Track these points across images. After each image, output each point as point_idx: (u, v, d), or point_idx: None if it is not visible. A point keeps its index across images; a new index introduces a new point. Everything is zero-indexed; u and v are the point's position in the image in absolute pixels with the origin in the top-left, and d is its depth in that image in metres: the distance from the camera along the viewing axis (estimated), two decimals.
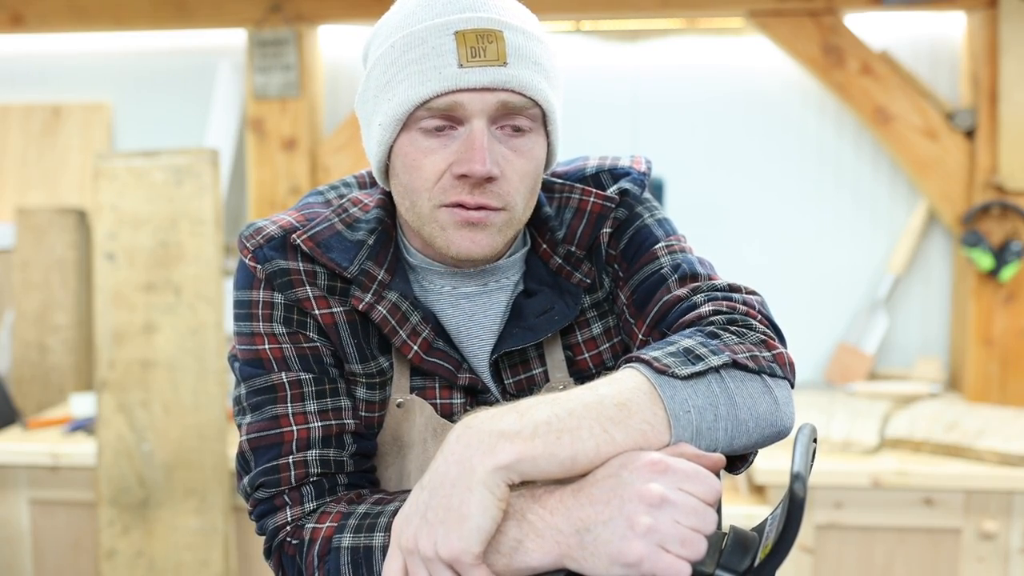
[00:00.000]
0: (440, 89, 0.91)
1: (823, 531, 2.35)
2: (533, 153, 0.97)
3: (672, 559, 0.72)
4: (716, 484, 0.77)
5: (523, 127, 0.95)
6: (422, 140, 0.95)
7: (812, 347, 3.05)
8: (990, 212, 2.75)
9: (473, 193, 0.94)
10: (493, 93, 0.92)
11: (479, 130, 0.92)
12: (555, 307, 1.03)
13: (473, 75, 0.91)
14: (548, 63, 0.96)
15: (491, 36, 0.92)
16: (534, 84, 0.93)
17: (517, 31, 0.94)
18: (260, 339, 1.01)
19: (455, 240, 0.96)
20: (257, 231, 1.03)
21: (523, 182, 0.96)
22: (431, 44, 0.92)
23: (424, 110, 0.93)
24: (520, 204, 0.97)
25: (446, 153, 0.94)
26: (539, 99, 0.94)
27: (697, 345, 0.87)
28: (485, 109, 0.92)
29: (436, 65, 0.91)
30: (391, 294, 1.02)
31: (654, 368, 0.83)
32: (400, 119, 0.95)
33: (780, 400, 0.90)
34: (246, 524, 2.53)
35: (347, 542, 0.90)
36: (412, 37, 0.93)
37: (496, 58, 0.91)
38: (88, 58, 3.26)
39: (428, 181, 0.95)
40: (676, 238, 1.06)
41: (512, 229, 0.99)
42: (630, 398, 0.80)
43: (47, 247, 3.05)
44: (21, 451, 2.57)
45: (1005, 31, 2.69)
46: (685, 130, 3.07)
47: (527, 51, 0.94)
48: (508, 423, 0.77)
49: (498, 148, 0.94)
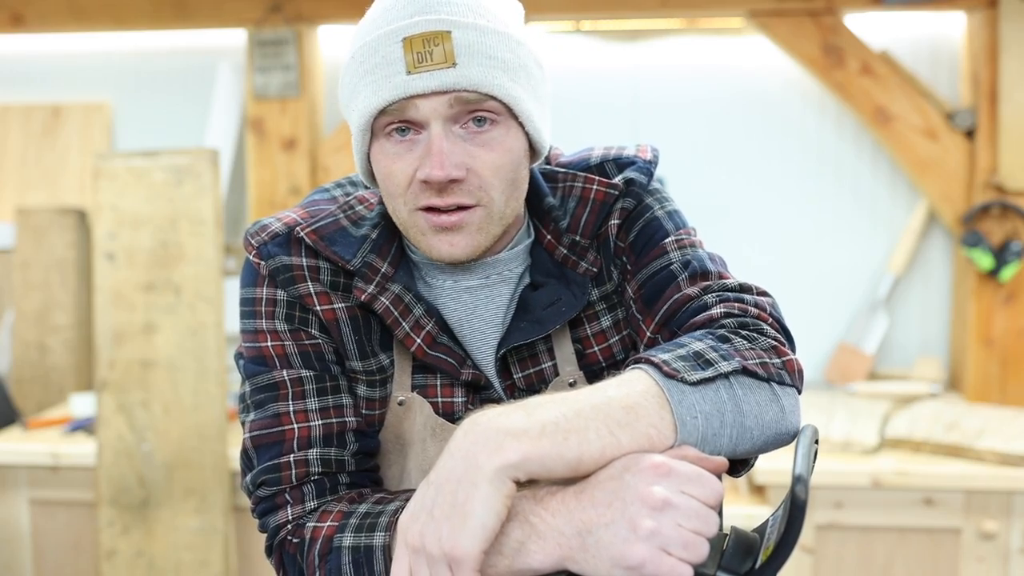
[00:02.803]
0: (391, 98, 0.92)
1: (823, 531, 2.35)
2: (504, 145, 0.96)
3: (674, 562, 0.72)
4: (718, 487, 0.77)
5: (488, 120, 0.95)
6: (389, 146, 0.96)
7: (812, 347, 3.05)
8: (990, 212, 2.75)
9: (442, 195, 0.94)
10: (444, 95, 0.92)
11: (436, 134, 0.93)
12: (562, 298, 1.03)
13: (420, 81, 0.91)
14: (508, 55, 0.95)
15: (438, 38, 0.92)
16: (487, 79, 0.93)
17: (468, 28, 0.93)
18: (263, 336, 1.02)
19: (434, 244, 0.97)
20: (262, 228, 1.04)
21: (497, 175, 0.96)
22: (382, 53, 0.93)
23: (384, 117, 0.95)
24: (498, 198, 0.97)
25: (411, 158, 0.95)
26: (494, 93, 0.93)
27: (707, 349, 0.86)
28: (439, 110, 0.93)
29: (387, 74, 0.93)
30: (394, 286, 1.02)
31: (663, 372, 0.83)
32: (365, 128, 0.97)
33: (787, 408, 0.90)
34: (246, 524, 2.53)
35: (348, 541, 0.90)
36: (367, 47, 0.95)
37: (444, 60, 0.91)
38: (88, 58, 3.26)
39: (400, 187, 0.96)
40: (686, 231, 1.05)
41: (495, 224, 0.98)
42: (638, 402, 0.80)
43: (47, 247, 3.05)
44: (21, 451, 2.57)
45: (1005, 31, 2.69)
46: (685, 130, 3.07)
47: (479, 47, 0.93)
48: (516, 421, 0.77)
49: (462, 147, 0.94)
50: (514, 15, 1.00)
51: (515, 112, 0.96)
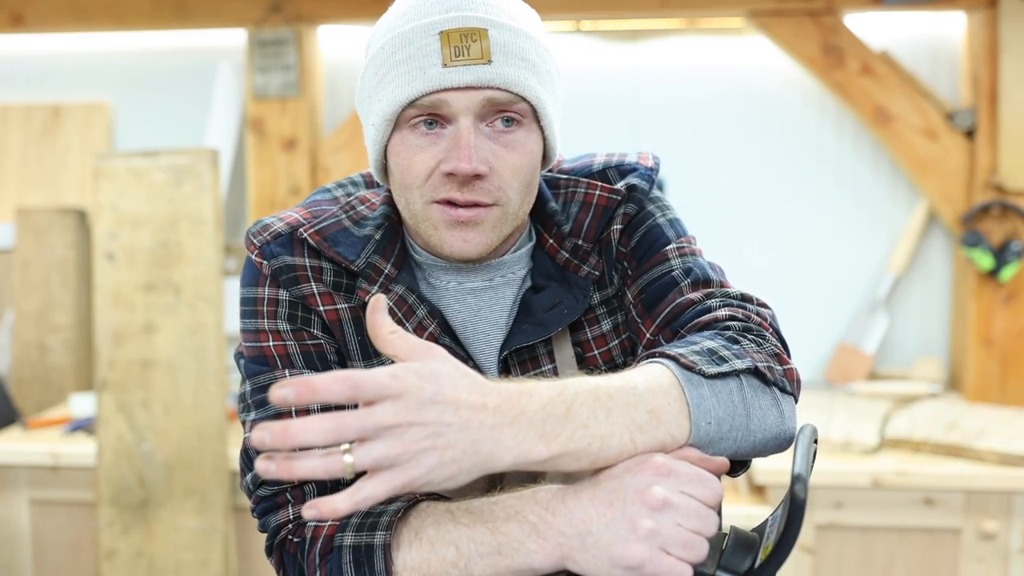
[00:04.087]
0: (425, 89, 0.93)
1: (823, 531, 2.35)
2: (526, 148, 0.97)
3: (674, 562, 0.72)
4: (718, 487, 0.77)
5: (515, 121, 0.96)
6: (412, 138, 0.96)
7: (812, 347, 3.05)
8: (990, 212, 2.75)
9: (462, 190, 0.95)
10: (478, 91, 0.93)
11: (465, 128, 0.93)
12: (564, 301, 1.03)
13: (456, 74, 0.92)
14: (537, 59, 0.97)
15: (476, 35, 0.92)
16: (520, 80, 0.94)
17: (504, 28, 0.94)
18: (265, 336, 1.02)
19: (447, 239, 0.97)
20: (264, 228, 1.04)
21: (516, 176, 0.96)
22: (417, 44, 0.93)
23: (412, 109, 0.94)
24: (514, 198, 0.97)
25: (435, 151, 0.95)
26: (526, 95, 0.94)
27: (720, 347, 0.87)
28: (471, 107, 0.93)
29: (422, 65, 0.93)
30: (397, 287, 1.02)
31: (681, 364, 0.84)
32: (390, 119, 0.96)
33: (786, 414, 0.92)
34: (246, 524, 2.53)
35: (349, 540, 0.90)
36: (400, 38, 0.95)
37: (480, 56, 0.92)
38: (88, 58, 3.26)
39: (419, 178, 0.96)
40: (687, 240, 1.06)
41: (508, 224, 0.99)
42: (662, 406, 0.81)
43: (47, 247, 3.05)
44: (21, 451, 2.57)
45: (1005, 31, 2.69)
46: (685, 130, 3.07)
47: (513, 48, 0.94)
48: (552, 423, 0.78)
49: (487, 145, 0.95)
50: (537, 21, 1.01)
51: (540, 115, 0.97)
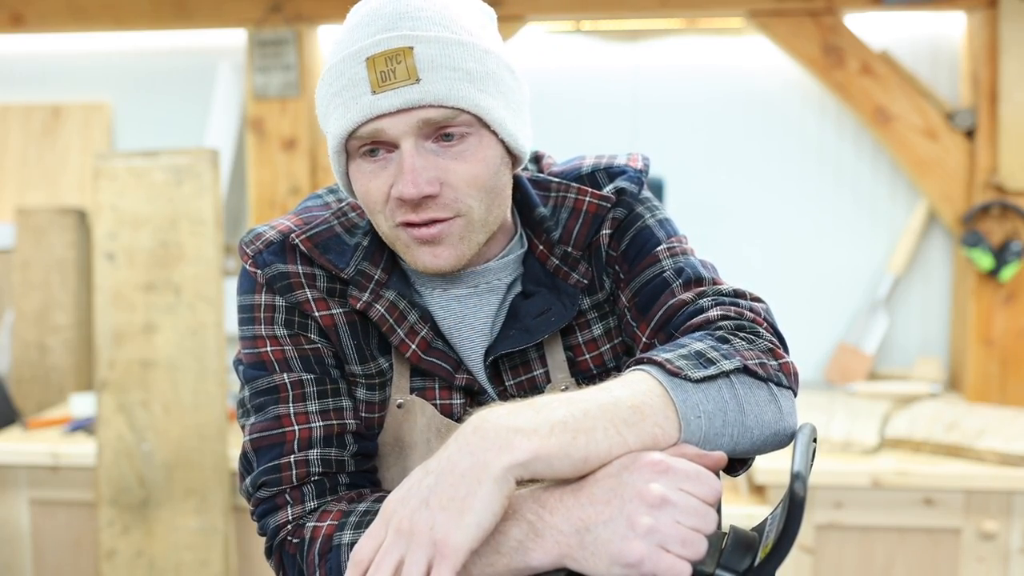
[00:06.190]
0: (358, 119, 0.92)
1: (823, 531, 2.35)
2: (478, 156, 0.95)
3: (673, 559, 0.72)
4: (717, 484, 0.77)
5: (457, 134, 0.94)
6: (364, 165, 0.96)
7: (812, 347, 3.05)
8: (990, 212, 2.75)
9: (417, 211, 0.94)
10: (410, 112, 0.91)
11: (407, 152, 0.92)
12: (552, 308, 1.03)
13: (386, 99, 0.91)
14: (475, 64, 0.94)
15: (400, 55, 0.91)
16: (453, 93, 0.92)
17: (431, 42, 0.92)
18: (262, 342, 1.02)
19: (419, 257, 0.98)
20: (256, 236, 1.04)
21: (472, 185, 0.95)
22: (348, 76, 0.93)
23: (354, 140, 0.95)
24: (477, 206, 0.96)
25: (386, 175, 0.95)
26: (462, 106, 0.92)
27: (708, 349, 0.87)
28: (407, 130, 0.92)
29: (353, 95, 0.92)
30: (388, 293, 1.03)
31: (667, 370, 0.83)
32: (339, 151, 0.97)
33: (784, 410, 0.91)
34: (246, 524, 2.53)
35: (348, 539, 0.90)
36: (334, 69, 0.95)
37: (407, 76, 0.91)
38: (88, 58, 3.26)
39: (378, 203, 0.96)
40: (677, 239, 1.06)
41: (478, 232, 0.98)
42: (644, 401, 0.81)
43: (47, 247, 3.05)
44: (21, 451, 2.57)
45: (1005, 31, 2.69)
46: (685, 130, 3.07)
47: (443, 60, 0.92)
48: (525, 419, 0.77)
49: (435, 162, 0.94)
50: (482, 23, 0.98)
51: (486, 121, 0.95)
